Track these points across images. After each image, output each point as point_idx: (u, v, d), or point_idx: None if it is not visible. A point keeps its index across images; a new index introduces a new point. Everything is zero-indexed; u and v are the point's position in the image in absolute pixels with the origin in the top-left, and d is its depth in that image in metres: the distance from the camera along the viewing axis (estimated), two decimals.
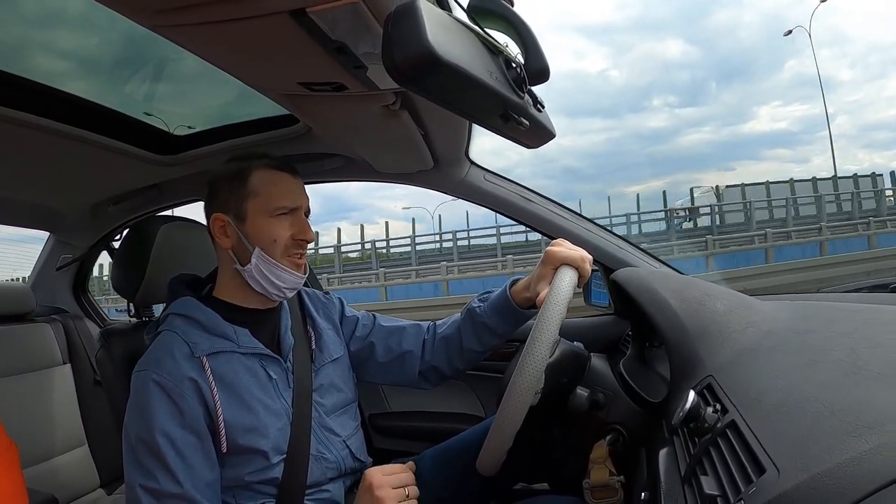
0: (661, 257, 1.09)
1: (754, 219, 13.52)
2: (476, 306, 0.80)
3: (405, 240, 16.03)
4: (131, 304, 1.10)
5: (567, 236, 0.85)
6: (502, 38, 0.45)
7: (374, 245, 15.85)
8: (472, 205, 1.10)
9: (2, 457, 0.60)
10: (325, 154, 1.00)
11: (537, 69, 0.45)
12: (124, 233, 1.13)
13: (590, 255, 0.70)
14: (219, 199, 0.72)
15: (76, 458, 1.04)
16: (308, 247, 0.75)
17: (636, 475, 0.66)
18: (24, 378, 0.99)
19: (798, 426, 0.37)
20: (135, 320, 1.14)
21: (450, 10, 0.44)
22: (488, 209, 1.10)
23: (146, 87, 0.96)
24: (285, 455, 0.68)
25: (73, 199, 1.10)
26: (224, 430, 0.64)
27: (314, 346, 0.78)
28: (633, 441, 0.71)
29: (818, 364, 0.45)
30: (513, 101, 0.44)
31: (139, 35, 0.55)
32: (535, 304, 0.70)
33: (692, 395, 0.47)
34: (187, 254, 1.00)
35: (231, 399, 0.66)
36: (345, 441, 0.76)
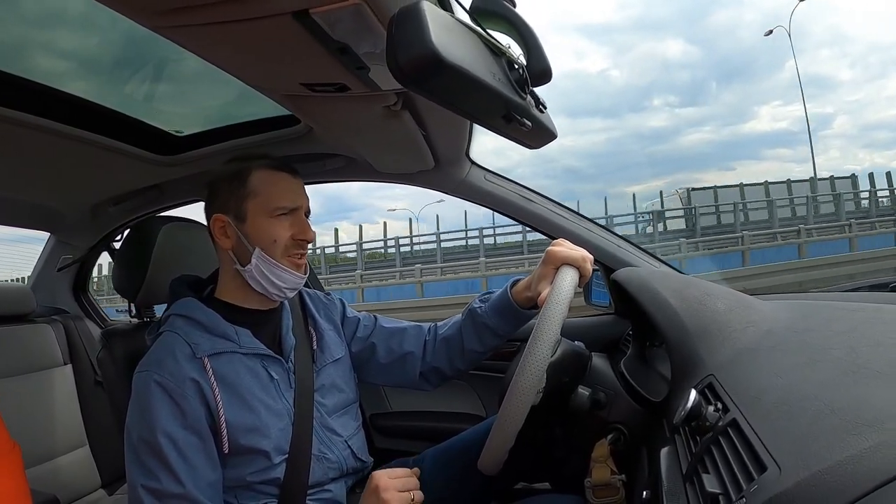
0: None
1: (739, 221, 13.40)
2: (477, 307, 0.80)
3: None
4: (132, 305, 1.11)
5: (568, 236, 0.85)
6: (504, 39, 0.45)
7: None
8: (472, 204, 1.10)
9: (5, 458, 0.60)
10: (326, 154, 1.00)
11: (539, 70, 0.45)
12: (125, 233, 1.14)
13: (590, 254, 0.70)
14: (219, 200, 0.72)
15: (77, 459, 1.04)
16: (307, 246, 0.75)
17: (637, 474, 0.67)
18: (25, 379, 0.99)
19: (798, 424, 0.37)
20: (136, 321, 1.14)
21: (452, 12, 0.45)
22: (489, 209, 1.10)
23: (147, 87, 0.96)
24: (287, 455, 0.68)
25: (74, 199, 1.09)
26: (226, 431, 0.64)
27: (315, 346, 0.78)
28: (635, 440, 0.72)
29: (818, 363, 0.45)
30: (515, 102, 0.44)
31: (140, 35, 0.55)
32: (537, 304, 0.70)
33: (693, 393, 0.47)
34: (188, 254, 1.00)
35: (232, 399, 0.66)
36: (346, 441, 0.76)
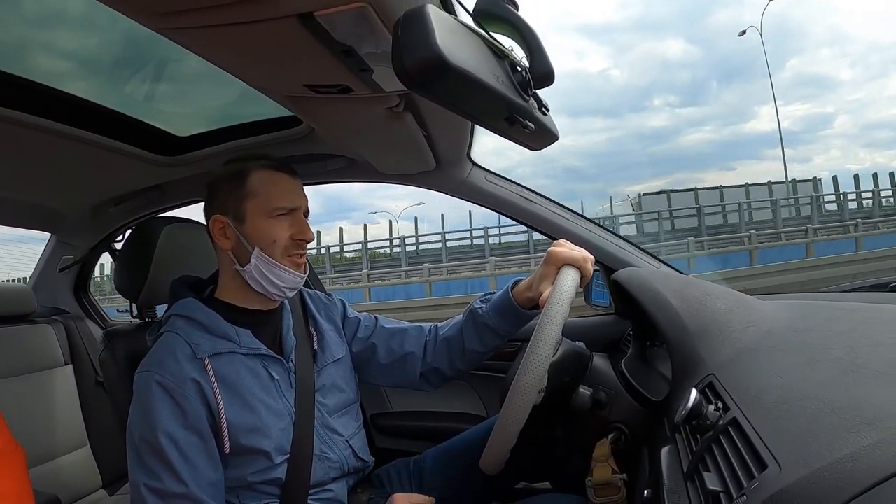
0: None
1: (705, 224, 13.32)
2: (478, 307, 0.80)
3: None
4: (133, 305, 1.10)
5: (568, 236, 0.86)
6: (507, 41, 0.45)
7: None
8: (470, 205, 1.10)
9: (8, 458, 0.60)
10: (328, 155, 1.00)
11: (542, 72, 0.45)
12: (127, 234, 1.14)
13: (591, 255, 0.70)
14: (218, 201, 0.72)
15: (78, 459, 1.04)
16: (308, 246, 0.75)
17: (638, 473, 0.67)
18: (26, 379, 0.99)
19: (798, 423, 0.37)
20: (137, 321, 1.14)
21: (456, 15, 0.45)
22: (490, 209, 1.10)
23: (147, 87, 0.96)
24: (288, 455, 0.69)
25: (74, 199, 1.09)
26: (227, 431, 0.65)
27: (316, 346, 0.78)
28: (636, 439, 0.72)
29: (817, 362, 0.46)
30: (518, 104, 0.44)
31: (140, 35, 0.55)
32: (538, 305, 0.71)
33: (694, 393, 0.48)
34: (190, 255, 1.00)
35: (233, 400, 0.66)
36: (347, 441, 0.76)
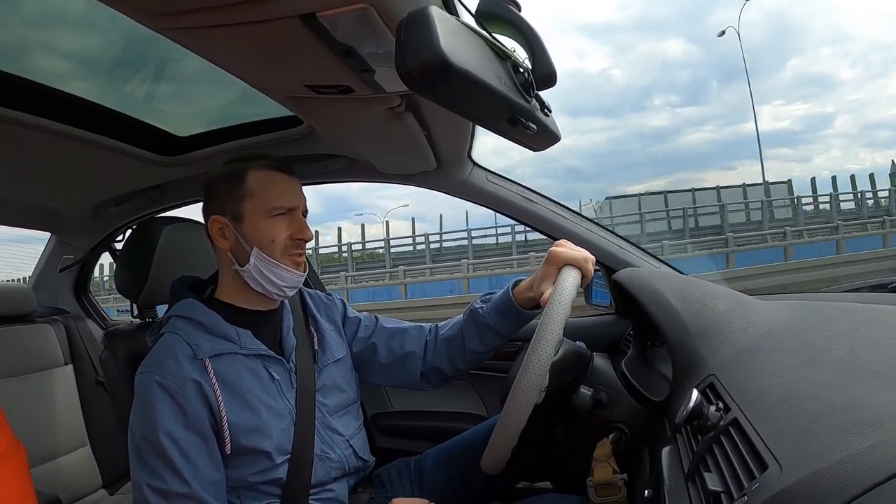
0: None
1: (688, 227, 13.26)
2: (478, 307, 0.80)
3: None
4: (134, 305, 1.10)
5: (569, 237, 0.86)
6: (510, 42, 0.45)
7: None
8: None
9: (10, 458, 0.60)
10: (328, 155, 1.00)
11: (545, 74, 0.45)
12: (128, 234, 1.14)
13: (592, 255, 0.70)
14: (215, 201, 0.72)
15: (79, 459, 1.04)
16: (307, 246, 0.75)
17: (639, 473, 0.67)
18: (26, 379, 0.99)
19: (799, 423, 0.37)
20: (138, 321, 1.14)
21: (458, 16, 0.45)
22: (490, 210, 1.10)
23: (148, 87, 0.96)
24: (289, 455, 0.69)
25: (75, 199, 1.09)
26: (228, 431, 0.65)
27: (317, 346, 0.78)
28: (636, 439, 0.72)
29: (818, 363, 0.46)
30: (520, 105, 0.44)
31: (141, 35, 0.55)
32: (538, 305, 0.71)
33: (695, 393, 0.48)
34: (190, 255, 1.00)
35: (234, 400, 0.66)
36: (348, 441, 0.76)
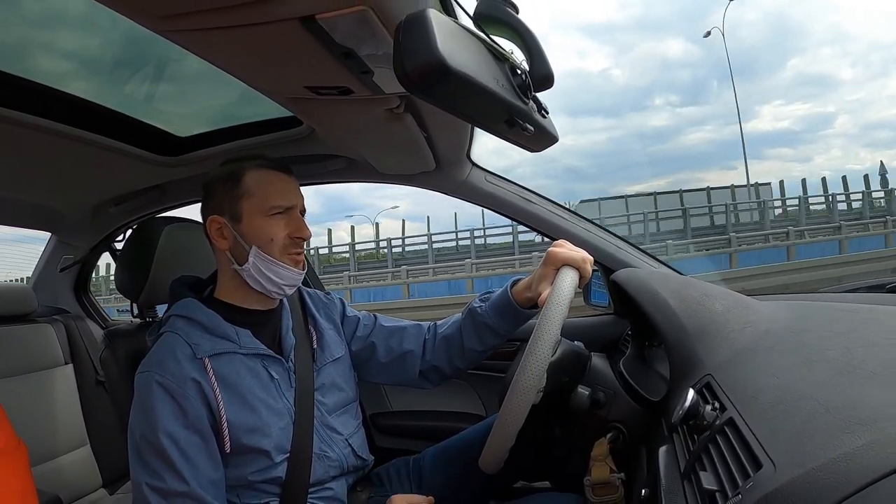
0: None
1: (649, 231, 13.09)
2: (477, 306, 0.81)
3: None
4: (134, 305, 1.11)
5: (567, 237, 0.86)
6: (507, 44, 0.46)
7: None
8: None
9: (11, 456, 0.61)
10: (328, 155, 1.00)
11: (542, 75, 0.46)
12: (128, 234, 1.14)
13: (590, 255, 0.70)
14: (213, 201, 0.72)
15: (79, 458, 1.04)
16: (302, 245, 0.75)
17: (636, 472, 0.67)
18: (26, 378, 0.99)
19: (794, 423, 0.38)
20: (138, 321, 1.15)
21: (456, 18, 0.45)
22: (489, 210, 1.11)
23: (148, 87, 0.96)
24: (288, 454, 0.69)
25: (75, 199, 1.09)
26: (227, 431, 0.65)
27: (315, 345, 0.79)
28: (634, 439, 0.72)
29: (814, 363, 0.46)
30: (518, 107, 0.44)
31: (141, 35, 0.55)
32: (537, 305, 0.71)
33: (691, 393, 0.48)
34: (190, 255, 1.00)
35: (233, 399, 0.67)
36: (347, 439, 0.77)
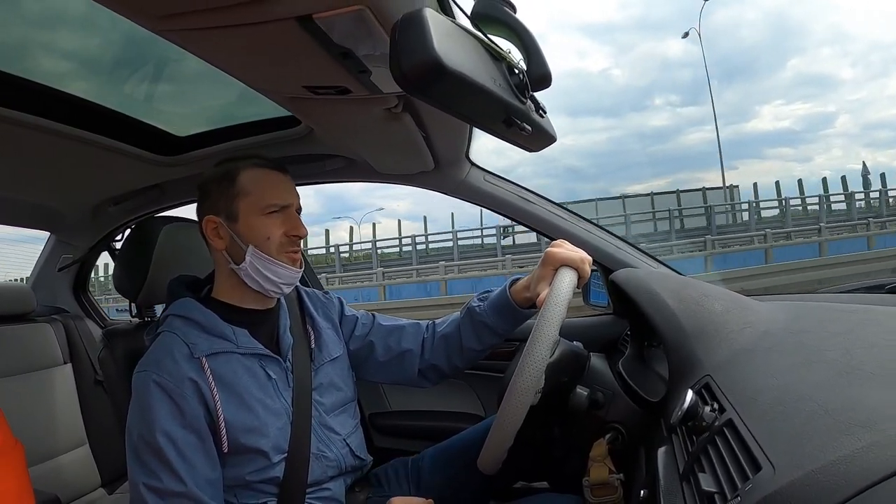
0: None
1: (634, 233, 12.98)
2: (476, 305, 0.81)
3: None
4: (133, 304, 1.11)
5: (566, 237, 0.86)
6: (505, 44, 0.46)
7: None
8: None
9: (7, 456, 0.61)
10: (327, 155, 1.00)
11: (539, 75, 0.46)
12: (126, 233, 1.14)
13: (589, 256, 0.70)
14: (209, 201, 0.72)
15: (78, 458, 1.04)
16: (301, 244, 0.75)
17: (635, 473, 0.67)
18: (26, 378, 0.99)
19: (793, 424, 0.37)
20: (137, 320, 1.14)
21: (453, 17, 0.45)
22: (488, 210, 1.11)
23: (147, 87, 0.96)
24: (286, 454, 0.69)
25: (74, 199, 1.09)
26: (225, 430, 0.65)
27: (313, 345, 0.78)
28: (632, 440, 0.72)
29: (813, 364, 0.46)
30: (515, 106, 0.44)
31: (140, 35, 0.55)
32: (535, 305, 0.71)
33: (690, 394, 0.48)
34: (189, 254, 1.00)
35: (231, 399, 0.67)
36: (345, 439, 0.76)
